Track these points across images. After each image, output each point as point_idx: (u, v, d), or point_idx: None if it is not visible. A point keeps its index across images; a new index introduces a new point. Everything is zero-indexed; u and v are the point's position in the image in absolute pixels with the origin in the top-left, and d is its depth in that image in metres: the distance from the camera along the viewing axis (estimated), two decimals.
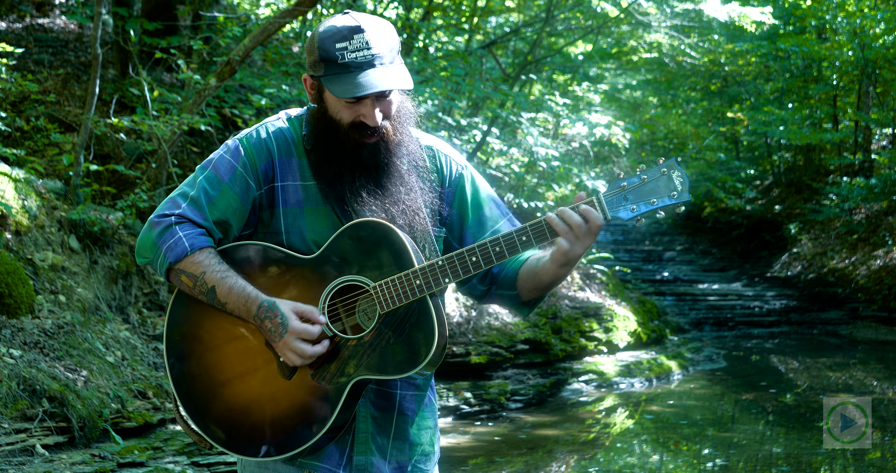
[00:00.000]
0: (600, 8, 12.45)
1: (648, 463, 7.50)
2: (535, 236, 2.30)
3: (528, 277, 2.44)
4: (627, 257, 18.01)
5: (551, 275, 2.39)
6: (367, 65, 2.28)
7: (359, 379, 2.31)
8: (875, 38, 15.83)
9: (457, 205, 2.53)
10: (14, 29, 9.67)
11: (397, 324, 2.31)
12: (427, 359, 2.28)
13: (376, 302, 2.32)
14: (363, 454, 2.41)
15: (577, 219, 2.25)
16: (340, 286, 2.36)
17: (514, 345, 9.46)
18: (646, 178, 2.27)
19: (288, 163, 2.43)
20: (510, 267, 2.50)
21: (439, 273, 2.30)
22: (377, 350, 2.31)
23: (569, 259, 2.32)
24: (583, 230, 2.26)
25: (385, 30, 2.33)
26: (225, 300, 2.35)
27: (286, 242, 2.41)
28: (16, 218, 6.17)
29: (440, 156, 2.55)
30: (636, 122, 17.78)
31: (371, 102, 2.33)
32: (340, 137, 2.36)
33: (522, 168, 12.24)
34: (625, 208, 2.28)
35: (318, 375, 2.33)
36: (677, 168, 2.25)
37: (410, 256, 2.32)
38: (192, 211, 2.40)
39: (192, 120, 7.14)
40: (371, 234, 2.34)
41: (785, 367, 11.72)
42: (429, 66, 10.42)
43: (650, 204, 2.27)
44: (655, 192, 2.26)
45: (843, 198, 15.68)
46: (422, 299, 2.31)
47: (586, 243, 2.27)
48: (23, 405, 5.05)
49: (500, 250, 2.30)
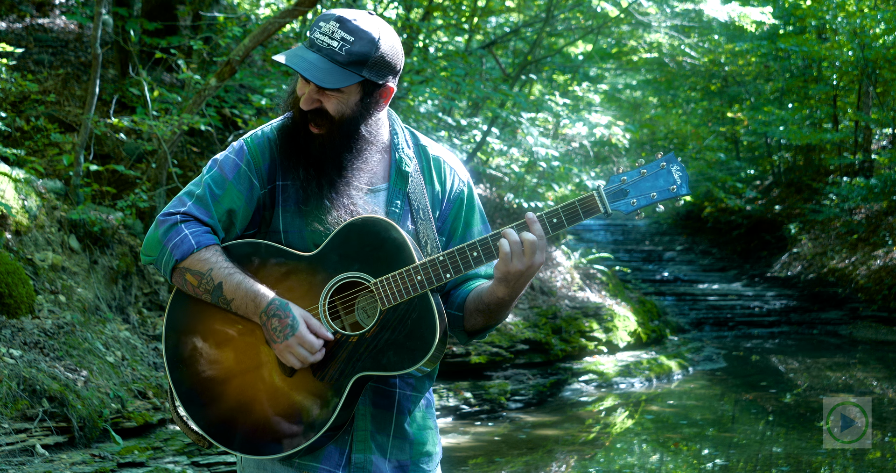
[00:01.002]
0: (600, 8, 12.45)
1: (648, 463, 7.50)
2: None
3: (473, 297, 2.44)
4: (627, 257, 18.01)
5: (489, 294, 2.38)
6: (314, 47, 2.32)
7: (360, 376, 2.31)
8: (875, 38, 15.83)
9: (451, 219, 2.54)
10: (14, 29, 9.66)
11: (398, 320, 2.32)
12: (429, 355, 2.28)
13: (377, 298, 2.32)
14: (362, 452, 2.41)
15: (514, 238, 2.28)
16: (341, 283, 2.37)
17: (514, 345, 9.46)
18: (645, 172, 2.30)
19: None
20: (464, 289, 2.51)
21: (440, 269, 2.31)
22: (379, 347, 2.31)
23: (504, 275, 2.30)
24: (517, 250, 2.27)
25: (370, 42, 2.32)
26: (232, 296, 2.34)
27: (285, 240, 2.42)
28: (16, 218, 6.17)
29: (445, 167, 2.56)
30: (636, 122, 17.79)
31: (303, 82, 2.36)
32: (295, 117, 2.41)
33: (522, 168, 12.24)
34: (625, 201, 2.30)
35: (320, 372, 2.33)
36: (676, 163, 2.29)
37: (411, 251, 2.32)
38: (198, 209, 2.41)
39: (192, 120, 7.14)
40: (371, 230, 2.34)
41: (785, 367, 11.72)
42: (429, 66, 10.42)
43: (650, 198, 2.29)
44: (655, 186, 2.29)
45: (843, 198, 15.69)
46: (423, 294, 2.31)
47: (524, 261, 2.28)
48: (23, 405, 5.05)
49: (499, 245, 2.30)
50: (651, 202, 2.29)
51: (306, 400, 2.33)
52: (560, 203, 2.33)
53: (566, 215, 2.30)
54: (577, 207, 2.29)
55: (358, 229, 2.35)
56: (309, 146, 2.37)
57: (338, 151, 2.37)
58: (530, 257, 2.28)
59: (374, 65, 2.33)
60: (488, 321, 2.45)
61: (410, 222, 2.46)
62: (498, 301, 2.37)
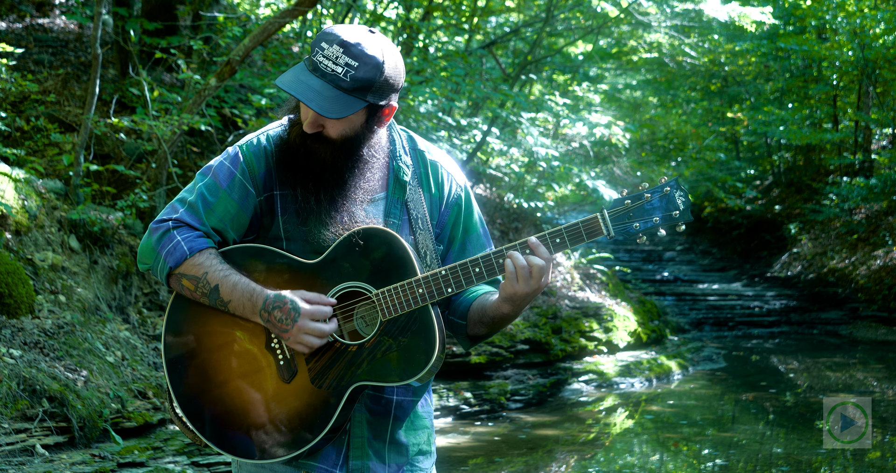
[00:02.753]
0: (600, 8, 12.44)
1: (648, 463, 7.50)
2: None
3: (477, 308, 2.46)
4: (627, 257, 18.02)
5: (494, 309, 2.40)
6: (317, 71, 2.29)
7: (358, 385, 2.32)
8: (875, 38, 15.83)
9: (450, 225, 2.55)
10: (14, 29, 9.67)
11: (398, 332, 2.32)
12: (427, 368, 2.29)
13: (378, 309, 2.33)
14: (359, 459, 2.43)
15: (521, 262, 2.29)
16: (342, 293, 2.37)
17: (514, 345, 9.46)
18: (649, 196, 2.32)
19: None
20: (467, 297, 2.52)
21: (442, 283, 2.31)
22: (377, 357, 2.32)
23: (510, 296, 2.32)
24: (524, 274, 2.29)
25: (374, 67, 2.29)
26: (229, 297, 2.35)
27: (286, 247, 2.42)
28: (16, 218, 6.17)
29: (443, 172, 2.56)
30: (636, 122, 17.78)
31: (305, 107, 2.35)
32: (292, 137, 2.40)
33: (522, 168, 12.24)
34: (628, 225, 2.33)
35: (318, 379, 2.34)
36: (679, 188, 2.32)
37: (413, 264, 2.33)
38: (189, 216, 2.41)
39: (192, 120, 7.14)
40: (374, 241, 2.35)
41: (785, 367, 11.72)
42: (429, 66, 10.41)
43: (652, 222, 2.32)
44: (657, 210, 2.33)
45: (843, 198, 15.69)
46: (423, 307, 2.32)
47: (531, 284, 2.29)
48: (23, 405, 5.05)
49: (502, 263, 2.32)
50: (653, 226, 2.32)
51: (304, 407, 2.34)
52: (564, 224, 2.34)
53: (569, 236, 2.31)
54: (580, 229, 2.31)
55: (361, 239, 2.35)
56: (308, 163, 2.36)
57: (339, 170, 2.37)
58: (538, 280, 2.29)
59: (379, 88, 2.32)
60: (491, 330, 2.48)
61: (409, 232, 2.46)
62: (503, 316, 2.40)
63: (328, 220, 2.37)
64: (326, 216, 2.37)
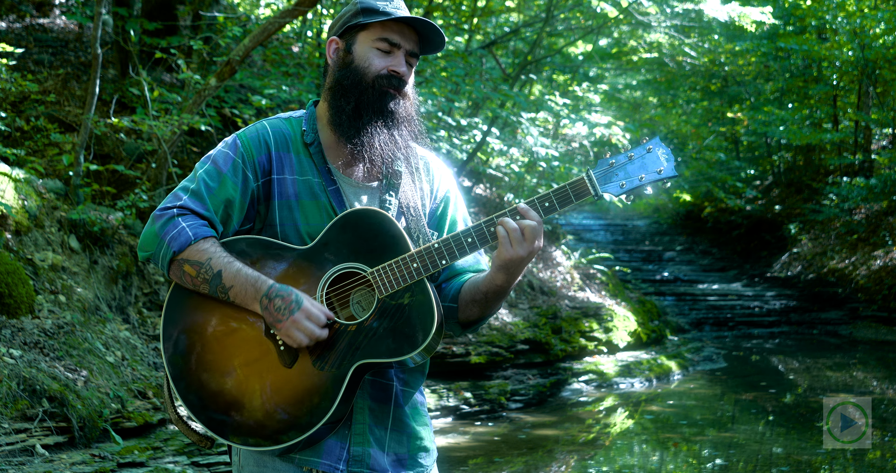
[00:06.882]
0: (600, 8, 12.44)
1: (648, 463, 7.50)
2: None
3: (469, 287, 2.47)
4: (627, 257, 18.02)
5: (487, 282, 2.41)
6: (404, 11, 2.48)
7: (359, 364, 2.33)
8: (875, 38, 15.83)
9: (435, 222, 2.58)
10: (14, 29, 9.67)
11: (396, 308, 2.34)
12: (426, 341, 2.30)
13: (375, 287, 2.35)
14: (360, 445, 2.43)
15: (512, 225, 2.31)
16: (337, 274, 2.39)
17: (514, 345, 9.46)
18: (633, 155, 2.35)
19: (285, 157, 2.48)
20: (457, 280, 2.53)
21: (436, 255, 2.33)
22: (378, 335, 2.33)
23: (504, 262, 2.33)
24: (517, 236, 2.30)
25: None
26: (231, 283, 2.35)
27: (280, 234, 2.44)
28: (16, 218, 6.17)
29: (432, 168, 2.62)
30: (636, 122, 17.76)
31: (403, 53, 2.46)
32: (365, 86, 2.45)
33: (522, 168, 12.24)
34: (614, 184, 2.34)
35: (320, 362, 2.35)
36: (662, 146, 2.35)
37: (406, 241, 2.36)
38: (194, 202, 2.42)
39: (192, 120, 7.14)
40: (366, 222, 2.37)
41: (785, 367, 11.72)
42: (429, 66, 10.41)
43: (638, 180, 2.34)
44: (642, 168, 2.34)
45: (843, 198, 15.69)
46: (419, 282, 2.34)
47: (525, 247, 2.31)
48: (23, 405, 5.05)
49: (493, 231, 2.33)
50: (639, 185, 2.34)
51: (307, 391, 2.34)
52: (550, 189, 2.35)
53: (558, 199, 2.33)
54: (568, 190, 2.33)
55: (353, 220, 2.38)
56: (384, 99, 2.46)
57: (408, 112, 2.49)
58: (531, 242, 2.30)
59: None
60: (483, 312, 2.47)
61: (402, 220, 2.50)
62: (496, 289, 2.40)
63: (326, 198, 2.44)
64: (326, 193, 2.44)
